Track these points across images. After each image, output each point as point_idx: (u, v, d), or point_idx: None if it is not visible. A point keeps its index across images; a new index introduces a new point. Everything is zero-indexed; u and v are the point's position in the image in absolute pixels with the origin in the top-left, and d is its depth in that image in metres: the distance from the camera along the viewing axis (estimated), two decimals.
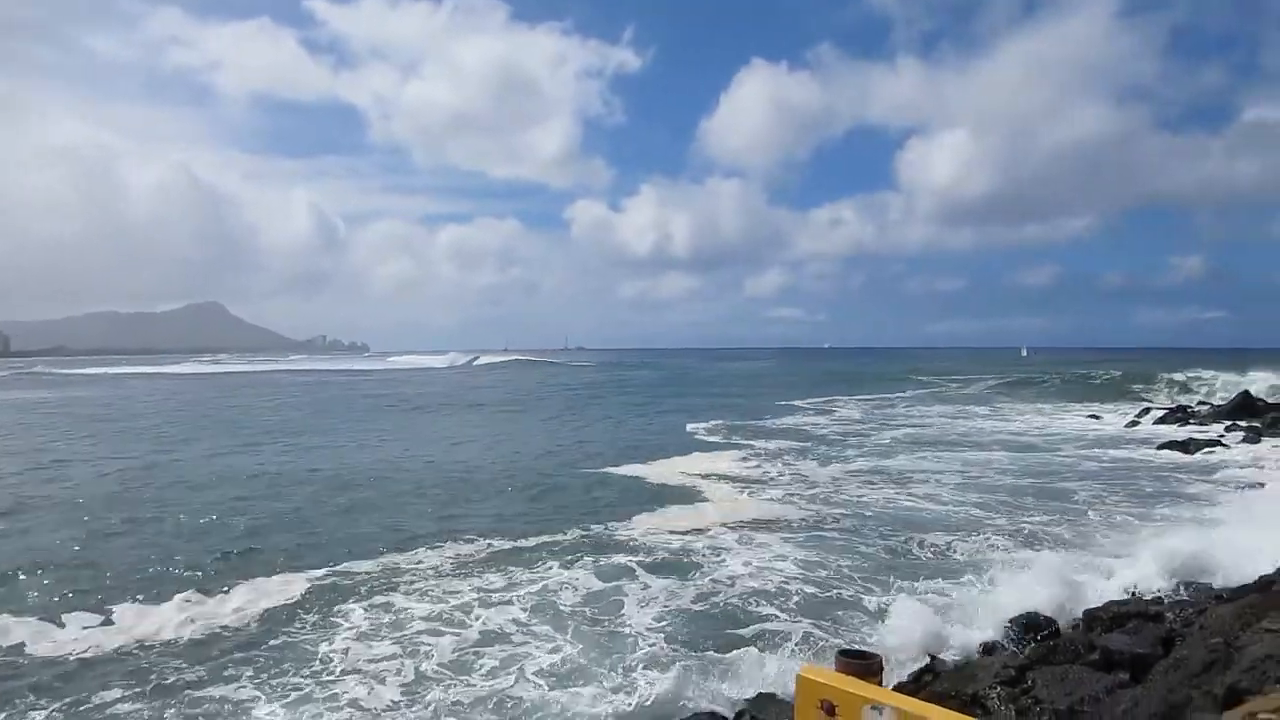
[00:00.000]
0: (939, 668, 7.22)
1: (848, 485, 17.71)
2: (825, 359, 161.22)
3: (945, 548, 12.22)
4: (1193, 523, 12.57)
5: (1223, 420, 28.03)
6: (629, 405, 44.38)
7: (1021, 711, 5.86)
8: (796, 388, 57.57)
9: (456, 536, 13.31)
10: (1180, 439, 23.98)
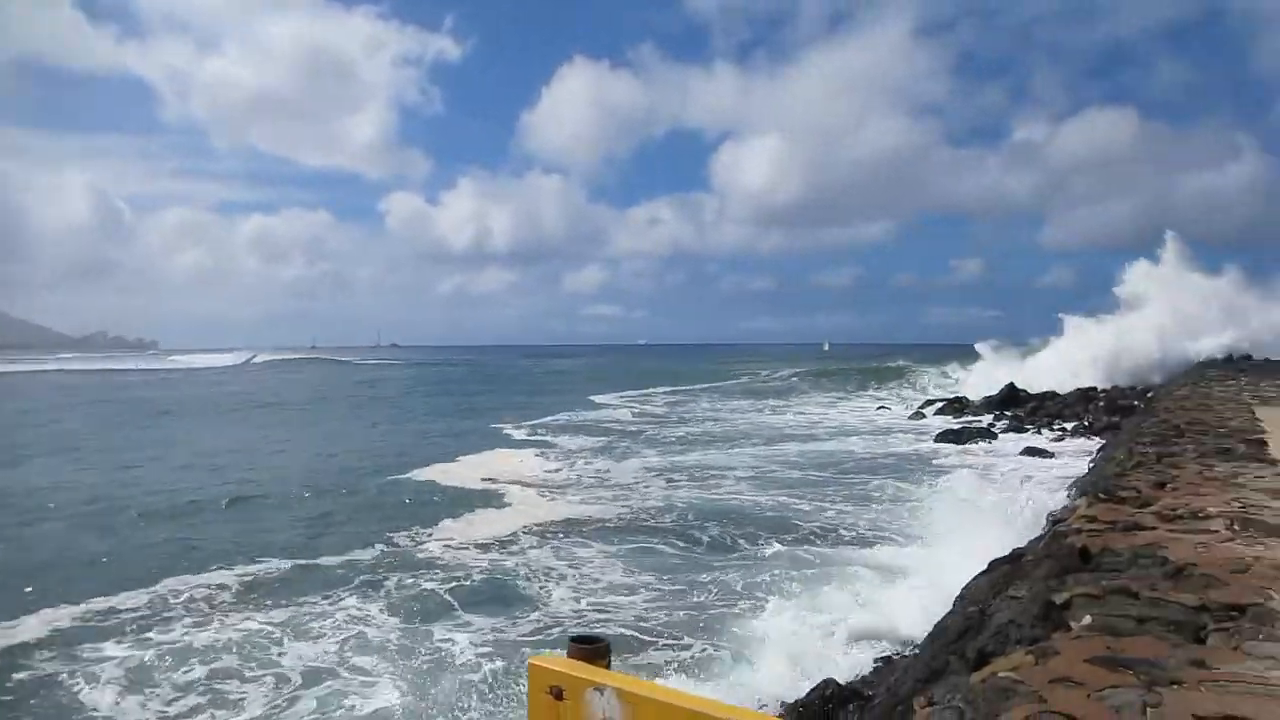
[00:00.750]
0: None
1: (651, 484, 17.29)
2: (641, 355, 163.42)
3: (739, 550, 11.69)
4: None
5: (993, 410, 29.56)
6: (438, 404, 42.56)
7: None
8: (609, 384, 57.09)
9: (236, 558, 11.51)
10: (956, 428, 24.99)
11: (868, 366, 59.44)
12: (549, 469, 19.61)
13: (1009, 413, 28.70)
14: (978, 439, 22.99)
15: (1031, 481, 15.38)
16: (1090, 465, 13.98)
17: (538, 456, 21.59)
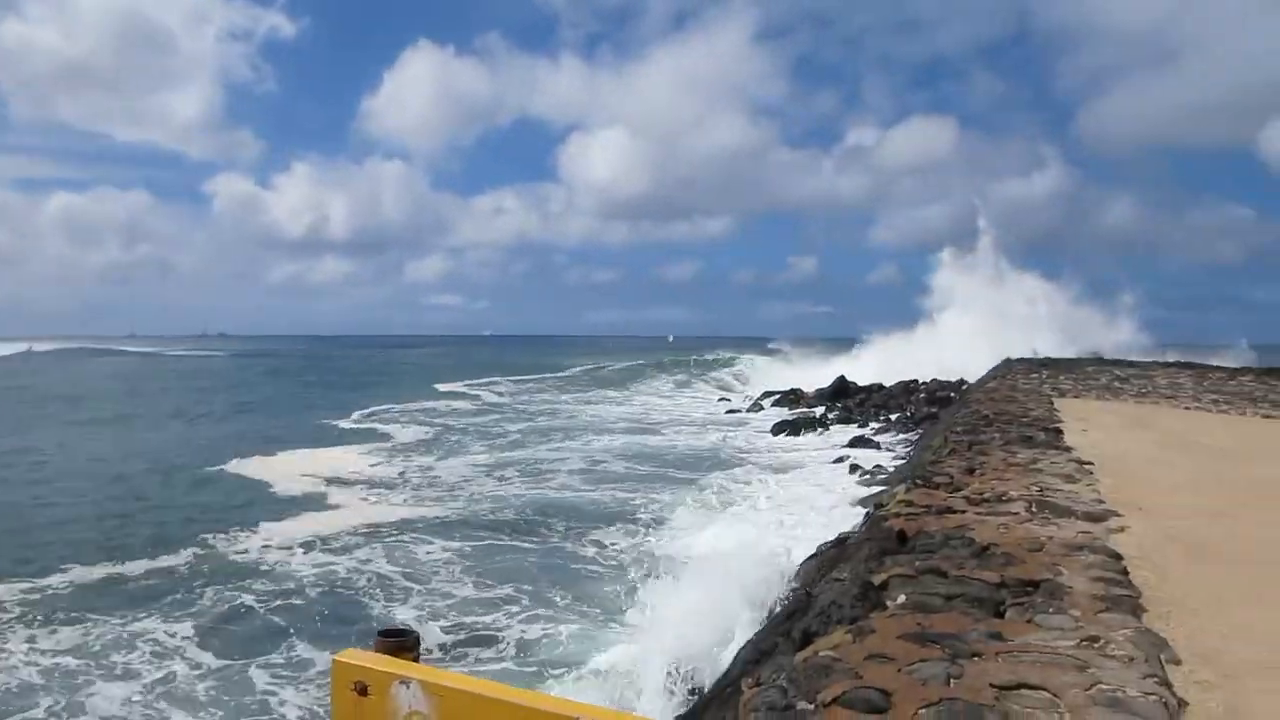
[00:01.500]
0: None
1: (482, 481, 16.87)
2: (485, 347, 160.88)
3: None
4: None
5: (825, 402, 31.01)
6: (260, 397, 40.08)
7: None
8: (448, 375, 55.66)
9: (19, 570, 10.10)
10: (791, 418, 26.07)
11: (710, 359, 60.88)
12: (376, 465, 18.91)
13: (840, 404, 30.20)
14: (811, 429, 24.06)
15: (858, 471, 16.22)
16: (909, 453, 14.92)
17: (364, 453, 20.71)
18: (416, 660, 1.51)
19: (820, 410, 29.03)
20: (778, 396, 33.99)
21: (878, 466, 16.42)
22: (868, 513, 8.50)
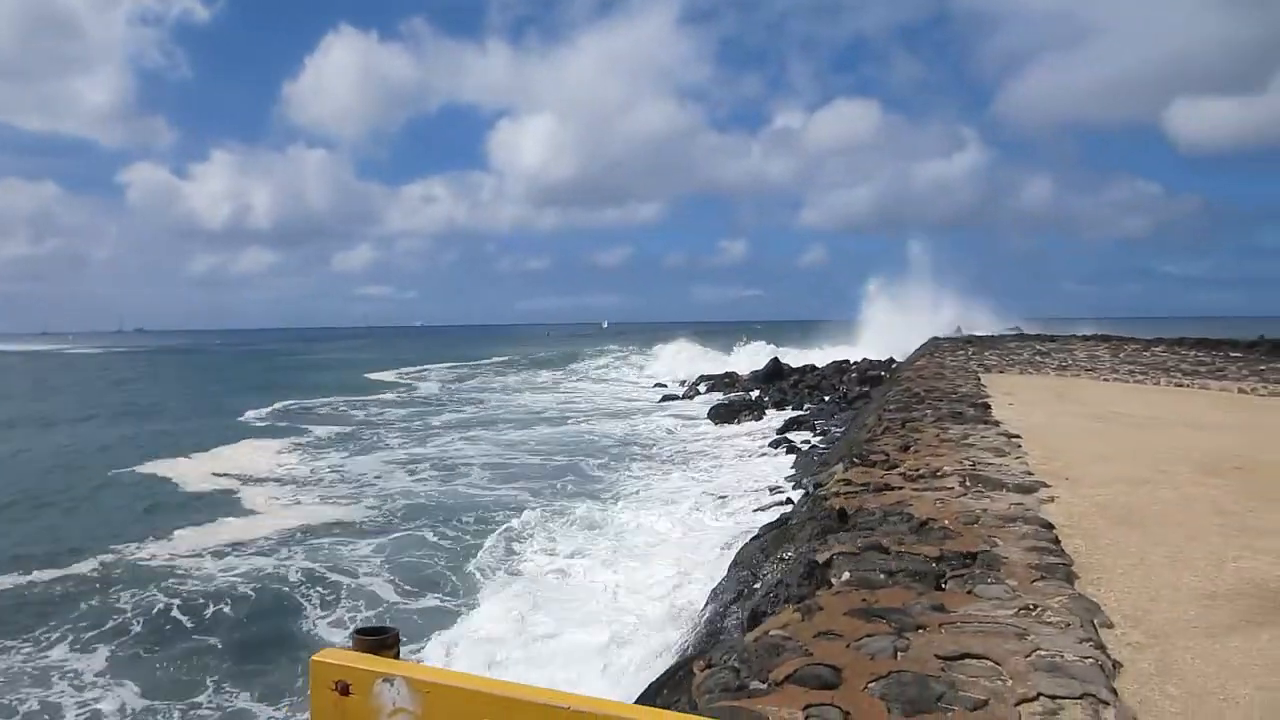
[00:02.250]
0: None
1: (396, 478, 16.72)
2: (415, 337, 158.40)
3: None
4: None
5: (759, 385, 31.39)
6: (173, 394, 39.37)
7: None
8: (375, 367, 54.75)
9: None
10: (727, 402, 26.31)
11: (643, 345, 61.03)
12: (291, 463, 18.64)
13: (774, 386, 30.61)
14: (747, 413, 24.29)
15: (795, 453, 16.47)
16: (845, 432, 15.19)
17: (281, 452, 20.34)
18: (398, 657, 1.51)
19: (755, 393, 29.37)
20: (713, 381, 34.28)
21: (813, 447, 16.72)
22: (806, 493, 8.64)
